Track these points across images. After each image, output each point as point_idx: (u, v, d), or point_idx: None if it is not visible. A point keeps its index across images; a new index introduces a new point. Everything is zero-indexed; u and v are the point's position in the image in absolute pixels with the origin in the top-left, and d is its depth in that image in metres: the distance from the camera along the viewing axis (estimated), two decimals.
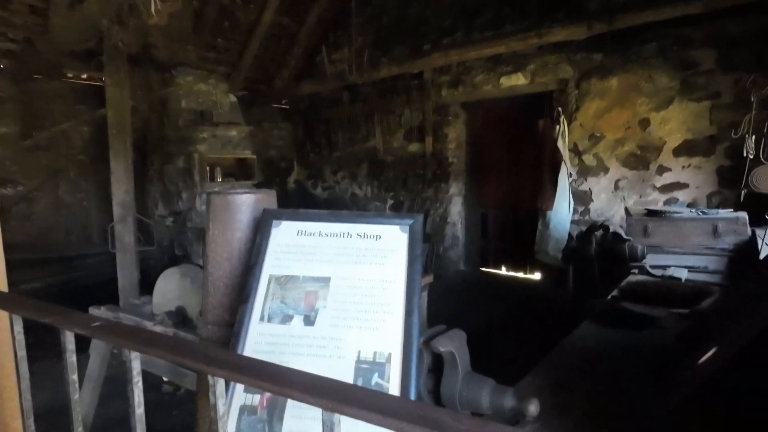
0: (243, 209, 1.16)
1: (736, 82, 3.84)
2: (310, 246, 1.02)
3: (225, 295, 1.17)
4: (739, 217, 3.22)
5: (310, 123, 7.66)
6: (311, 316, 0.93)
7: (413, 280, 0.92)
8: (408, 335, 0.86)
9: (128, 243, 3.69)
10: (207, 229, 1.20)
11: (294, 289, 0.96)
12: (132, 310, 2.74)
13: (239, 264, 1.16)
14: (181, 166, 5.04)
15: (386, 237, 1.00)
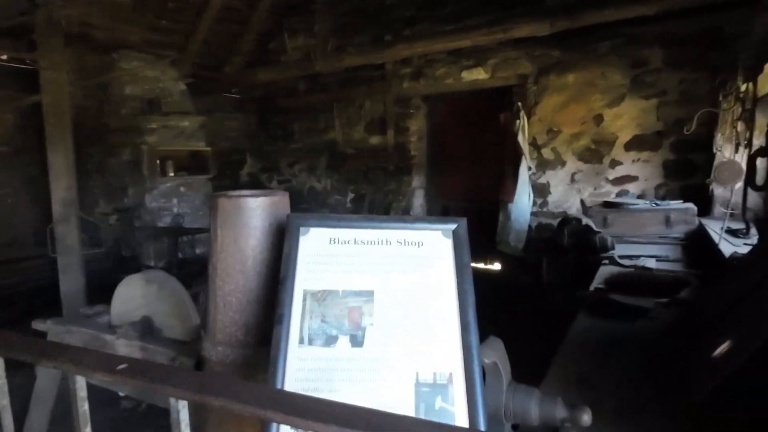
0: (258, 214, 1.04)
1: (681, 81, 4.12)
2: (345, 255, 0.92)
3: (238, 312, 1.04)
4: (688, 207, 3.48)
5: (264, 113, 7.34)
6: (358, 336, 0.84)
7: (465, 291, 0.85)
8: (468, 352, 0.80)
9: (72, 245, 3.32)
10: (214, 237, 1.06)
11: (335, 305, 0.86)
12: (85, 322, 2.47)
13: (254, 276, 1.03)
14: (127, 159, 4.63)
15: (429, 243, 0.93)
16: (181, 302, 2.17)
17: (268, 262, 1.04)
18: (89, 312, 2.70)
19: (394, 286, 0.89)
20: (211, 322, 1.11)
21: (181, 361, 1.96)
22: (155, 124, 4.44)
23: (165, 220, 4.57)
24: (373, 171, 6.24)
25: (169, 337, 2.21)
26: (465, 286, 0.87)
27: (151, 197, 4.49)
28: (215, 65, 7.06)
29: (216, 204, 1.05)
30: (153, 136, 4.46)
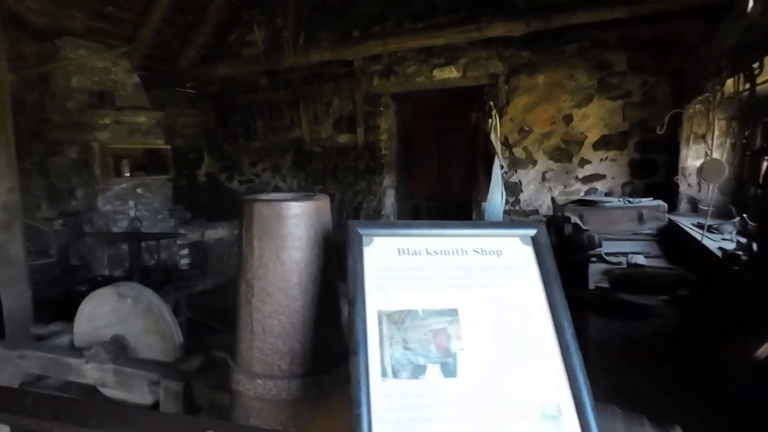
0: (302, 222, 0.89)
1: (644, 84, 4.31)
2: (418, 268, 0.79)
3: (281, 337, 0.88)
4: (659, 204, 3.63)
5: (222, 110, 6.95)
6: (449, 364, 0.71)
7: (557, 306, 0.76)
8: (573, 377, 0.70)
9: (15, 255, 2.92)
10: (250, 249, 0.90)
11: (416, 328, 0.73)
12: (40, 344, 2.16)
13: (299, 294, 0.88)
14: (74, 158, 4.18)
15: (508, 252, 0.83)
16: (160, 317, 1.94)
17: (314, 277, 0.90)
18: (43, 332, 2.38)
19: (478, 303, 0.78)
20: (245, 350, 0.95)
21: (166, 386, 1.75)
22: (108, 119, 4.03)
23: (120, 224, 4.17)
24: (342, 170, 6.08)
25: (146, 357, 1.97)
26: (556, 300, 0.78)
27: (103, 199, 4.07)
28: (168, 57, 6.61)
29: (251, 210, 0.89)
30: (105, 133, 4.04)
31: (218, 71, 5.93)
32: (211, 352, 2.05)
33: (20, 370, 2.04)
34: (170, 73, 6.43)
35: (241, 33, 6.58)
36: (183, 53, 6.60)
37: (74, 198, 4.23)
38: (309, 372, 0.91)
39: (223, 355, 2.05)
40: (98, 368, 1.90)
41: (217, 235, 5.16)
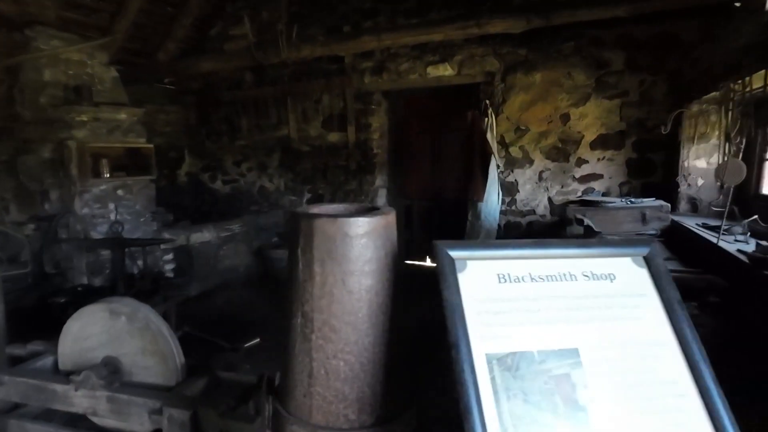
0: (373, 241, 0.73)
1: (641, 83, 4.30)
2: (524, 299, 0.66)
3: (348, 381, 0.72)
4: (662, 205, 3.61)
5: (205, 106, 6.65)
6: (581, 420, 0.59)
7: (688, 340, 0.64)
8: (720, 425, 0.59)
9: None
10: (309, 274, 0.74)
11: (534, 375, 0.59)
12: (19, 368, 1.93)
13: (370, 329, 0.73)
14: (47, 157, 3.88)
15: (621, 276, 0.70)
16: (159, 336, 1.75)
17: (385, 307, 0.75)
18: (20, 352, 2.14)
19: (599, 341, 0.66)
20: (301, 395, 0.79)
21: (170, 415, 1.56)
22: (85, 116, 3.73)
23: (100, 228, 3.88)
24: (332, 169, 5.90)
25: (143, 381, 1.77)
26: (685, 333, 0.66)
27: (81, 202, 3.78)
28: (146, 51, 6.28)
29: (311, 228, 0.73)
30: (82, 131, 3.75)
31: (202, 66, 5.65)
32: (216, 373, 1.87)
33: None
34: (149, 67, 6.11)
35: (225, 26, 6.31)
36: (162, 47, 6.28)
37: (48, 201, 3.92)
38: (380, 421, 0.76)
39: (230, 375, 1.87)
40: (89, 395, 1.70)
41: (203, 238, 4.91)
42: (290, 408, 0.85)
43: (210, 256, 5.09)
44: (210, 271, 5.09)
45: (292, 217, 0.82)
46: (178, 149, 6.87)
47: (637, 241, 0.76)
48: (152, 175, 4.23)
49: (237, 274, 5.49)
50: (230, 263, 5.39)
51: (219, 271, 5.22)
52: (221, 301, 4.87)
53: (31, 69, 3.78)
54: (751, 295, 1.83)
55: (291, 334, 0.83)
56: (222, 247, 5.24)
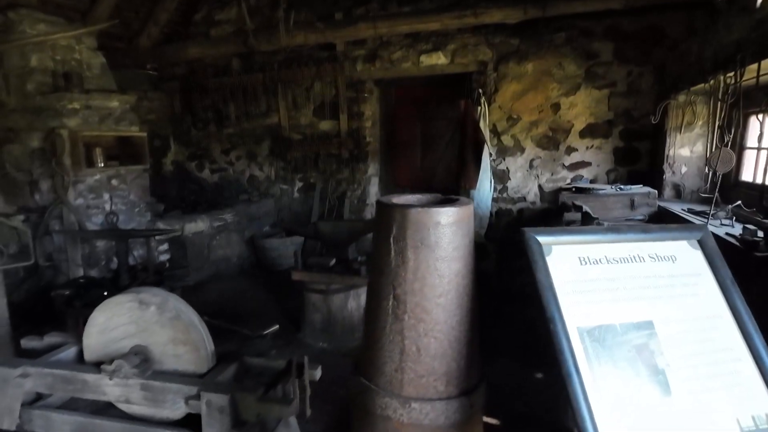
0: (461, 229, 0.79)
1: (629, 74, 4.45)
2: (605, 279, 0.74)
3: (437, 357, 0.79)
4: (650, 192, 3.79)
5: (189, 93, 6.50)
6: (661, 382, 0.67)
7: (741, 313, 0.73)
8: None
9: None
10: (402, 261, 0.79)
11: (618, 344, 0.67)
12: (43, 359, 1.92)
13: (456, 309, 0.79)
14: (36, 146, 3.75)
15: (681, 258, 0.79)
16: (190, 325, 1.78)
17: (468, 289, 0.82)
18: (37, 344, 2.12)
19: (669, 314, 0.74)
20: (392, 371, 0.85)
21: (209, 400, 1.60)
22: (77, 104, 3.62)
23: (95, 219, 3.80)
24: (324, 158, 5.89)
25: (174, 369, 1.80)
26: (738, 307, 0.75)
27: (75, 193, 3.69)
28: (128, 36, 6.07)
29: (405, 218, 0.78)
30: (74, 119, 3.63)
31: (189, 52, 5.52)
32: (245, 360, 1.91)
33: (21, 390, 1.81)
34: (131, 52, 5.92)
35: (210, 11, 6.16)
36: (144, 32, 6.09)
37: (38, 191, 3.80)
38: (463, 392, 0.83)
39: (258, 361, 1.92)
40: (122, 384, 1.72)
41: (197, 228, 4.86)
42: (379, 382, 0.92)
43: (203, 247, 5.05)
44: (204, 262, 5.05)
45: (382, 208, 0.87)
46: (162, 137, 6.71)
47: (692, 226, 0.84)
48: (145, 164, 4.16)
49: (230, 264, 5.46)
50: (223, 253, 5.35)
51: (212, 261, 5.18)
52: (216, 291, 4.86)
53: (17, 54, 3.62)
54: (742, 276, 1.98)
55: (380, 316, 0.89)
56: (215, 237, 5.20)
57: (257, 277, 5.40)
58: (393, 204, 0.87)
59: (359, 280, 3.42)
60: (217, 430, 1.58)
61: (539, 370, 2.71)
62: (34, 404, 1.92)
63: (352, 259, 3.60)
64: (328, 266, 3.51)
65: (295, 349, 3.47)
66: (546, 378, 2.75)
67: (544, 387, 2.65)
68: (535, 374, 2.85)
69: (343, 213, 5.80)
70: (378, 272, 0.90)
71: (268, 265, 5.63)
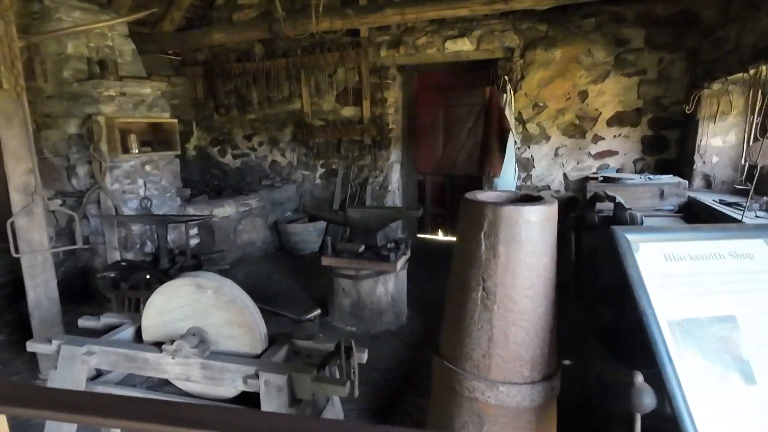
0: (549, 225, 0.84)
1: (660, 61, 4.38)
2: (688, 275, 0.78)
3: (524, 345, 0.85)
4: (680, 182, 3.77)
5: (212, 79, 6.54)
6: (746, 371, 0.72)
7: None
8: None
9: (38, 242, 2.70)
10: (494, 254, 0.85)
11: (705, 337, 0.73)
12: (105, 338, 2.02)
13: (543, 300, 0.85)
14: (73, 132, 3.85)
15: (758, 255, 0.83)
16: (245, 308, 1.86)
17: (552, 282, 0.87)
18: (94, 324, 2.23)
19: (751, 309, 0.79)
20: (480, 356, 0.91)
21: (267, 379, 1.69)
22: (112, 90, 3.69)
23: (130, 204, 3.91)
24: (346, 144, 5.92)
25: (229, 350, 1.89)
26: None
27: (111, 178, 3.79)
28: (151, 20, 6.11)
29: (497, 215, 0.83)
30: (110, 105, 3.71)
31: (214, 37, 5.53)
32: (294, 342, 2.00)
33: (87, 367, 1.92)
34: (155, 37, 5.96)
35: None
36: (167, 16, 6.13)
37: (75, 176, 3.92)
38: (544, 377, 0.89)
39: (307, 343, 2.00)
40: (182, 363, 1.81)
41: (225, 213, 4.96)
42: (465, 367, 0.98)
43: (230, 231, 5.16)
44: (230, 246, 5.16)
45: (471, 205, 0.92)
46: (185, 123, 6.77)
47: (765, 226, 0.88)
48: (176, 150, 4.23)
49: (255, 248, 5.57)
50: (248, 238, 5.46)
51: (238, 246, 5.29)
52: (243, 275, 4.97)
53: (53, 41, 3.69)
54: None
55: (468, 306, 0.94)
56: (241, 222, 5.30)
57: (281, 261, 5.51)
58: (484, 201, 0.91)
59: (388, 266, 3.49)
60: (275, 407, 1.67)
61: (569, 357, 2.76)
62: (97, 380, 2.03)
63: (381, 245, 3.66)
64: (358, 252, 3.58)
65: (324, 332, 3.56)
66: (573, 364, 2.81)
67: (568, 371, 2.71)
68: (563, 361, 2.92)
69: (365, 199, 5.85)
70: (466, 265, 0.95)
71: (291, 250, 5.74)
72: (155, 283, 2.92)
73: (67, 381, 1.91)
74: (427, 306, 4.07)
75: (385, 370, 3.05)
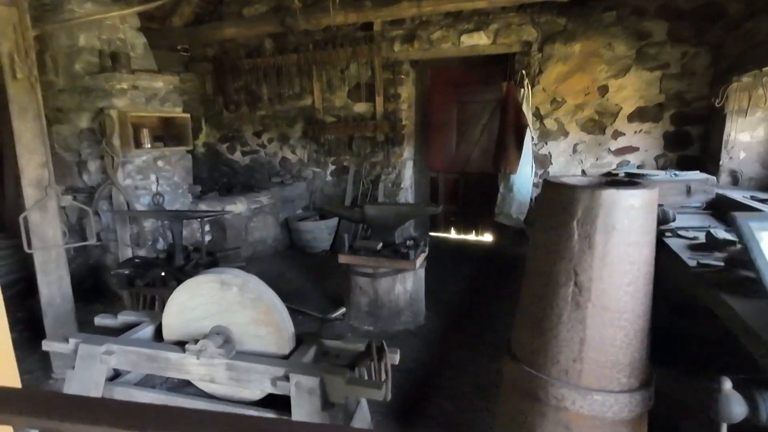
0: (652, 212, 0.75)
1: (683, 55, 4.27)
2: None
3: (623, 348, 0.75)
4: (708, 178, 3.64)
5: (221, 75, 6.47)
6: None
7: None
8: None
9: (52, 238, 2.62)
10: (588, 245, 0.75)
11: None
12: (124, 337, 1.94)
13: (644, 297, 0.75)
14: (84, 127, 3.77)
15: None
16: (272, 307, 1.77)
17: (652, 277, 0.77)
18: (111, 322, 2.15)
19: None
20: (569, 360, 0.81)
21: (298, 381, 1.60)
22: (125, 84, 3.62)
23: (143, 200, 3.83)
24: (358, 141, 5.83)
25: (254, 350, 1.80)
26: None
27: (124, 173, 3.71)
28: (160, 15, 6.05)
29: (595, 200, 0.74)
30: (123, 99, 3.63)
31: (225, 32, 5.45)
32: (323, 342, 1.91)
33: (106, 367, 1.84)
34: (164, 33, 5.89)
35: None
36: (177, 11, 6.06)
37: (86, 172, 3.84)
38: (643, 384, 0.80)
39: (335, 343, 1.91)
40: (207, 363, 1.73)
41: (236, 210, 4.88)
42: (551, 372, 0.88)
43: (241, 228, 5.08)
44: (241, 243, 5.08)
45: (559, 189, 0.83)
46: (194, 119, 6.65)
47: None
48: (188, 145, 4.15)
49: (266, 245, 5.49)
50: (259, 235, 5.38)
51: (250, 243, 5.21)
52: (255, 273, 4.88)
53: (65, 34, 3.62)
54: None
55: (555, 303, 0.85)
56: (252, 219, 5.22)
57: (292, 259, 5.43)
58: (577, 185, 0.82)
59: (407, 264, 3.40)
60: (307, 411, 1.58)
61: None
62: (116, 380, 1.95)
63: (399, 242, 3.57)
64: (376, 249, 3.49)
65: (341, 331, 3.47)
66: None
67: None
68: None
69: (377, 197, 5.76)
70: (552, 258, 0.86)
71: (302, 247, 5.66)
72: (170, 281, 2.85)
73: (85, 381, 1.83)
74: (444, 305, 3.98)
75: (406, 370, 2.96)
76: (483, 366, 3.03)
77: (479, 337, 3.41)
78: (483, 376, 2.92)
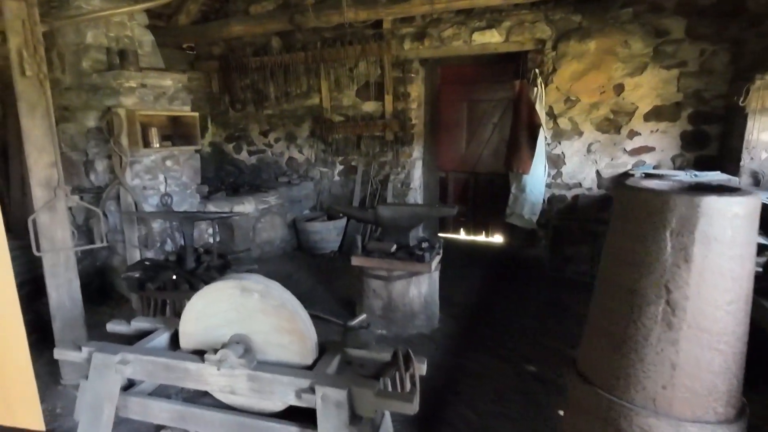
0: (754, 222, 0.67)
1: (702, 52, 4.17)
2: None
3: (720, 374, 0.66)
4: (730, 179, 3.57)
5: (228, 73, 6.38)
6: None
7: None
8: None
9: (61, 240, 2.54)
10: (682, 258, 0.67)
11: None
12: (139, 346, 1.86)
13: (745, 317, 0.67)
14: (92, 126, 3.69)
15: None
16: (295, 314, 1.69)
17: (751, 293, 0.69)
18: (124, 329, 2.07)
19: None
20: (657, 386, 0.73)
21: (325, 393, 1.52)
22: (133, 82, 3.54)
23: (151, 201, 3.75)
24: (367, 140, 5.75)
25: (277, 360, 1.72)
26: None
27: (132, 173, 3.63)
28: (166, 13, 5.98)
29: (694, 207, 0.65)
30: (131, 98, 3.54)
31: (232, 29, 5.37)
32: (346, 351, 1.83)
33: (121, 377, 1.76)
34: (171, 30, 5.82)
35: None
36: (183, 9, 5.98)
37: (93, 171, 3.76)
38: (739, 414, 0.71)
39: (360, 353, 1.83)
40: (227, 374, 1.65)
41: (244, 210, 4.80)
42: (635, 398, 0.79)
43: (249, 229, 5.00)
44: (249, 244, 5.00)
45: (648, 197, 0.74)
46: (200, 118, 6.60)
47: None
48: (197, 145, 4.07)
49: (273, 246, 5.41)
50: (267, 236, 5.30)
51: (257, 244, 5.14)
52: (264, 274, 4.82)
53: (72, 31, 3.54)
54: None
55: (641, 323, 0.76)
56: (260, 220, 5.14)
57: (300, 260, 5.35)
58: (668, 191, 0.74)
59: (422, 267, 3.32)
60: (334, 426, 1.50)
61: None
62: (130, 390, 1.87)
63: (414, 245, 3.49)
64: (390, 252, 3.41)
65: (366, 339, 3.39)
66: None
67: None
68: None
69: (386, 197, 5.68)
70: (637, 271, 0.78)
71: (310, 248, 5.58)
72: (182, 284, 2.77)
73: (99, 392, 1.75)
74: (457, 308, 3.90)
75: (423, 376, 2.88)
76: (501, 371, 2.95)
77: (495, 341, 3.33)
78: (502, 381, 2.84)
